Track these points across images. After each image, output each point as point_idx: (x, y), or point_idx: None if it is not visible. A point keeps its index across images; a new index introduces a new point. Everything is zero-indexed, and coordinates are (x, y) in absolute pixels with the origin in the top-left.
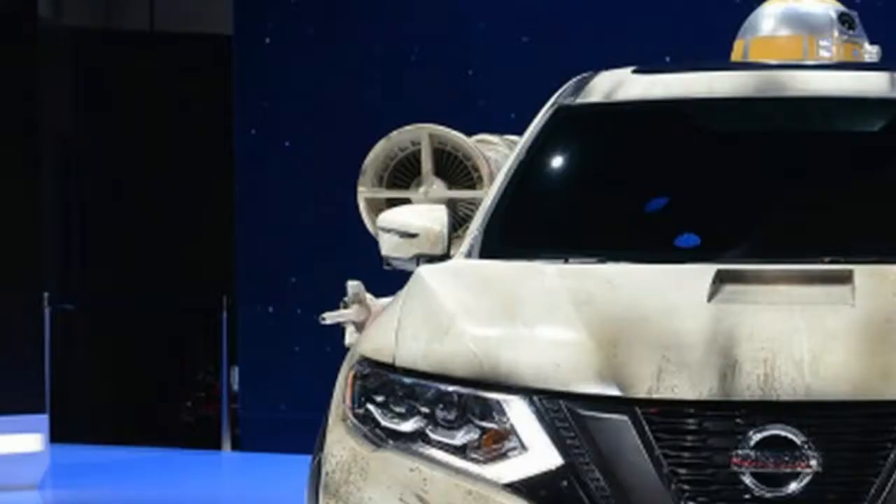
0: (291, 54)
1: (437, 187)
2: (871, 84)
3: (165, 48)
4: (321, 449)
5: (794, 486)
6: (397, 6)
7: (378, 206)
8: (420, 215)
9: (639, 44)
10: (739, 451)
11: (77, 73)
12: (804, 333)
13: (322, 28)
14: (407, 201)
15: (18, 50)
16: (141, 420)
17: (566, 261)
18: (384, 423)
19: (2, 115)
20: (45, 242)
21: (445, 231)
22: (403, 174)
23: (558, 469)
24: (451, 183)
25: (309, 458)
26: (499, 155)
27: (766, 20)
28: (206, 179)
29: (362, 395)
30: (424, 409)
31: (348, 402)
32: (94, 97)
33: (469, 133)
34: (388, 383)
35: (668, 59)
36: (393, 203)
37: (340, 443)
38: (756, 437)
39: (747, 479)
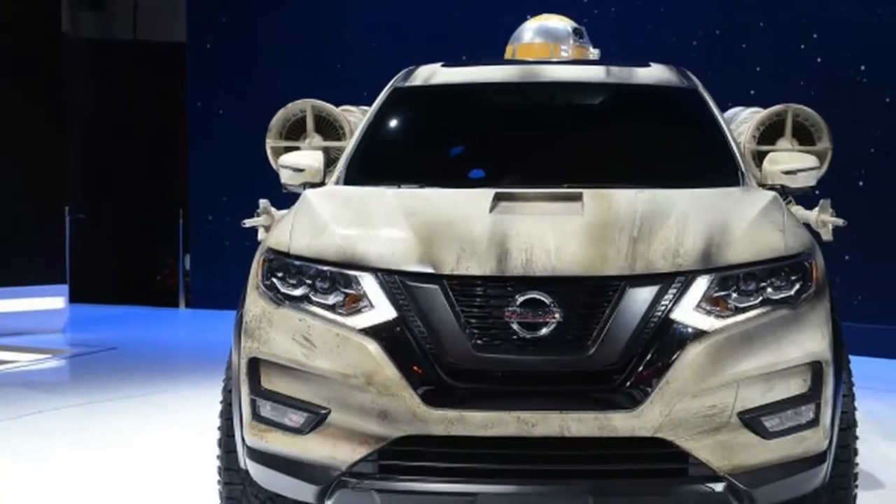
0: (223, 55)
1: (317, 140)
2: (593, 73)
3: (143, 51)
4: (242, 307)
5: (544, 331)
6: (296, 28)
7: (279, 152)
8: (306, 157)
9: (447, 48)
10: (510, 308)
11: (89, 68)
12: (551, 233)
13: (245, 38)
14: (297, 148)
15: (49, 53)
16: (128, 289)
17: (399, 187)
18: (282, 290)
19: (41, 95)
20: (69, 175)
21: (322, 168)
22: (295, 130)
23: (394, 319)
24: (326, 136)
25: (234, 312)
26: (356, 119)
27: (526, 32)
28: (172, 136)
29: (268, 272)
30: (308, 282)
31: (259, 276)
32: (99, 84)
33: (337, 104)
34: (285, 265)
35: (464, 57)
36: (288, 149)
37: (254, 303)
38: (520, 299)
39: (515, 326)
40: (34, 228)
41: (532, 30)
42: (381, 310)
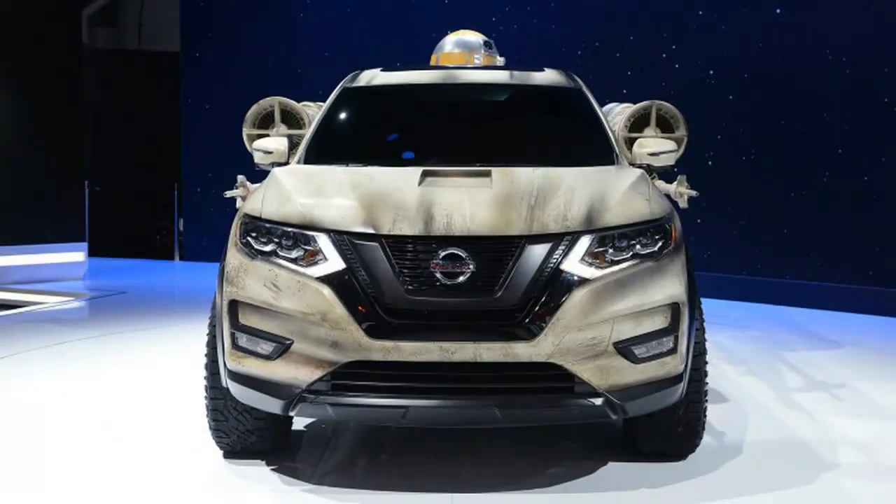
0: (210, 62)
1: (282, 129)
2: (500, 76)
3: (147, 59)
4: (224, 259)
5: (461, 279)
6: (267, 41)
7: (253, 138)
8: (274, 142)
9: (385, 55)
10: (434, 261)
11: (103, 72)
12: (466, 201)
13: (227, 48)
14: (267, 135)
15: (72, 60)
16: (135, 245)
17: (347, 165)
18: (256, 246)
19: (66, 94)
20: (88, 157)
21: (286, 151)
22: (265, 121)
23: (343, 269)
24: (290, 126)
25: (217, 264)
26: (313, 112)
27: (447, 44)
28: (169, 125)
29: (244, 232)
30: (276, 240)
31: (237, 236)
32: (111, 82)
33: (299, 100)
34: (258, 226)
35: (398, 63)
36: (260, 136)
37: (234, 257)
38: (442, 253)
39: (438, 275)
40: (60, 198)
41: (452, 42)
42: (333, 262)
